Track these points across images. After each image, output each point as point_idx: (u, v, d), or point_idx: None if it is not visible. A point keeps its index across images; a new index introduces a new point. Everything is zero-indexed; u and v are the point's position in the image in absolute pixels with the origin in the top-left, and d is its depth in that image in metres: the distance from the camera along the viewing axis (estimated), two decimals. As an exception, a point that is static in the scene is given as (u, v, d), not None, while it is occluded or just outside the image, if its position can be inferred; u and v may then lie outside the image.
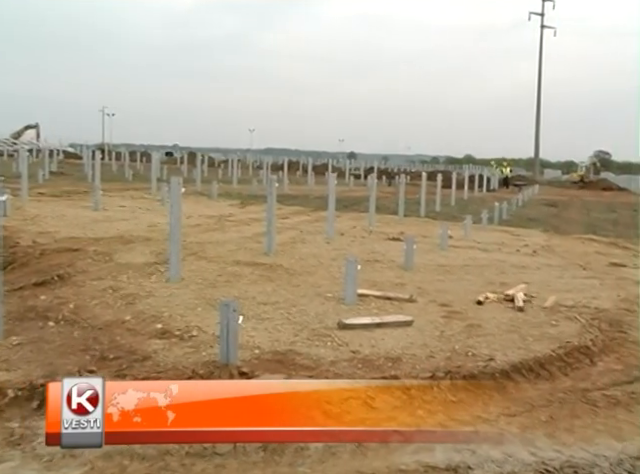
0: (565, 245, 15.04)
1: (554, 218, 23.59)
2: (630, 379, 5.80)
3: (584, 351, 6.39)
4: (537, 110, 76.76)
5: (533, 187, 43.79)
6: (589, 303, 8.33)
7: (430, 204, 22.96)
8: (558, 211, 27.90)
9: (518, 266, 11.25)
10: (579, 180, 62.43)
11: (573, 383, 5.72)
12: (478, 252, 12.81)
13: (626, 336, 7.11)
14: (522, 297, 8.14)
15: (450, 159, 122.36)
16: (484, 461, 3.99)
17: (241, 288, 8.11)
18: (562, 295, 8.67)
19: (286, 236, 13.26)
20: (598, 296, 8.89)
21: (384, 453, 4.00)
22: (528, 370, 5.80)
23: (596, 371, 6.08)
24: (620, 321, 7.60)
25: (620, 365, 6.30)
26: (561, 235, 17.40)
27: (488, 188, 41.82)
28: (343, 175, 46.74)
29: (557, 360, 6.08)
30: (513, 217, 22.11)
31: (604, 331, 7.10)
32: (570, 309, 7.92)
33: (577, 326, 7.19)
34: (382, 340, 6.24)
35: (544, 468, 3.91)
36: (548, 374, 5.85)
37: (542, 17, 76.10)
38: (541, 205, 30.97)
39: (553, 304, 8.07)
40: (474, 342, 6.37)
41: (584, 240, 16.41)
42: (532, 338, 6.63)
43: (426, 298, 8.11)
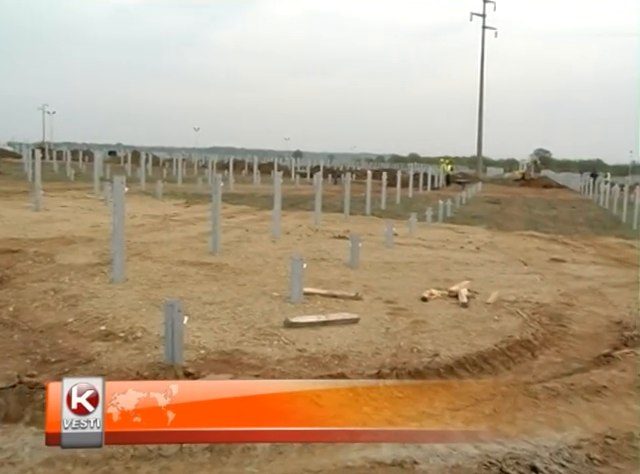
0: (507, 241, 15.33)
1: (497, 215, 24.02)
2: (569, 371, 5.95)
3: (526, 345, 6.54)
4: (479, 109, 78.15)
5: (476, 185, 44.50)
6: (530, 298, 8.52)
7: (376, 202, 23.13)
8: (501, 208, 28.43)
9: (462, 263, 11.42)
10: (521, 178, 63.72)
11: (515, 376, 5.84)
12: (423, 249, 12.96)
13: (566, 330, 7.30)
14: (466, 293, 8.27)
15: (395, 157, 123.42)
16: (429, 455, 4.03)
17: (186, 288, 8.03)
18: (504, 290, 8.85)
19: (232, 235, 13.18)
20: (539, 291, 9.09)
21: (331, 450, 4.01)
22: (472, 365, 5.90)
23: (537, 364, 6.22)
24: (560, 315, 7.80)
25: (560, 358, 6.46)
26: (504, 232, 17.73)
27: (433, 186, 42.31)
28: (289, 174, 46.69)
29: (500, 354, 6.21)
30: (457, 214, 22.44)
31: (545, 325, 7.27)
32: (512, 304, 8.09)
33: (519, 321, 7.35)
34: (328, 338, 6.26)
35: (487, 460, 3.97)
36: (491, 368, 5.96)
37: (483, 18, 77.46)
38: (484, 202, 31.51)
39: (496, 300, 8.22)
40: (419, 338, 6.45)
41: (526, 236, 16.75)
42: (475, 333, 6.75)
43: (372, 295, 8.17)
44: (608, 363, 6.10)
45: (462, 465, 3.98)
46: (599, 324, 7.66)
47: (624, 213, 24.19)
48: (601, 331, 7.43)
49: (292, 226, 15.74)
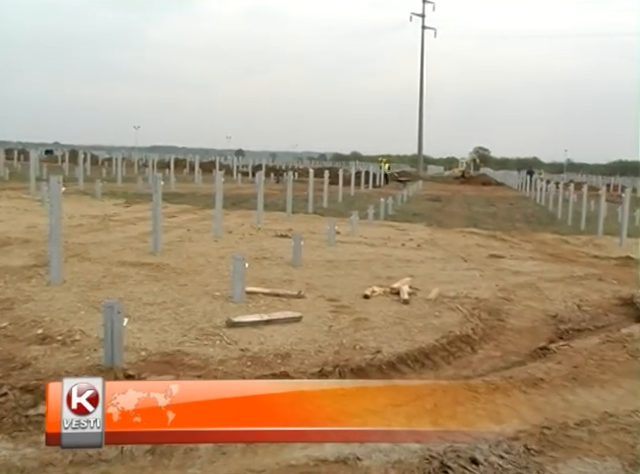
0: (448, 238, 15.56)
1: (437, 212, 24.36)
2: (508, 365, 6.09)
3: (465, 340, 6.66)
4: (420, 108, 79.23)
5: (417, 183, 45.05)
6: (470, 293, 8.67)
7: (318, 201, 23.19)
8: (441, 206, 28.85)
9: (403, 260, 11.55)
10: (460, 175, 64.84)
11: (456, 371, 5.94)
12: (365, 247, 13.05)
13: (504, 324, 7.46)
14: (407, 290, 8.37)
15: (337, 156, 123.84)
16: (372, 451, 4.07)
17: (126, 289, 7.91)
18: (445, 287, 8.98)
19: (173, 235, 13.04)
20: (478, 287, 9.26)
21: (274, 449, 4.01)
22: (413, 360, 5.98)
23: (477, 359, 6.35)
24: (499, 310, 7.97)
25: (499, 352, 6.60)
26: (444, 229, 17.99)
27: (374, 184, 42.65)
28: (231, 173, 46.41)
29: (440, 350, 6.31)
30: (398, 212, 22.67)
31: (484, 320, 7.42)
32: (452, 300, 8.21)
33: (459, 316, 7.47)
34: (271, 337, 6.26)
35: (429, 454, 4.03)
36: (432, 363, 6.05)
37: (423, 18, 78.54)
38: (425, 200, 31.93)
39: (436, 296, 8.34)
40: (361, 335, 6.50)
41: (465, 233, 17.03)
42: (417, 329, 6.83)
43: (314, 294, 8.19)
44: (545, 356, 6.26)
45: (404, 460, 4.02)
46: (536, 318, 7.86)
47: (559, 210, 24.81)
48: (538, 325, 7.62)
49: (234, 225, 15.66)
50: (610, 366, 5.93)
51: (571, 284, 9.96)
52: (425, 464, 3.98)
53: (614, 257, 13.35)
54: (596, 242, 16.28)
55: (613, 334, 7.00)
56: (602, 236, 17.53)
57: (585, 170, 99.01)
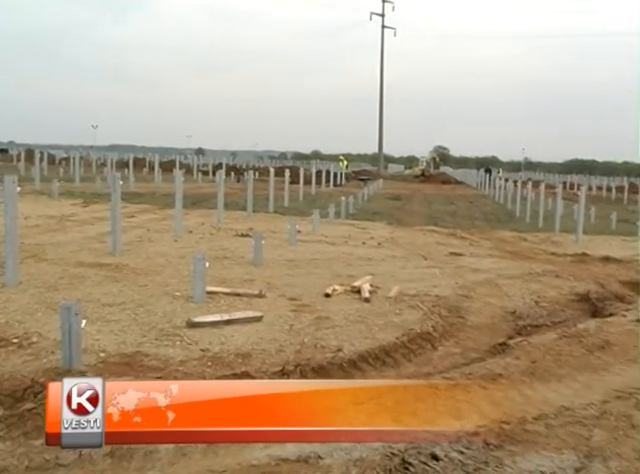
0: (408, 237, 15.66)
1: (398, 211, 24.51)
2: (467, 361, 6.16)
3: (426, 337, 6.71)
4: (380, 107, 79.56)
5: (378, 181, 45.24)
6: (430, 291, 8.74)
7: (279, 200, 23.15)
8: (401, 204, 29.04)
9: (364, 258, 11.59)
10: (420, 174, 65.29)
11: (417, 368, 5.99)
12: (326, 246, 13.07)
13: (464, 321, 7.55)
14: (368, 288, 8.40)
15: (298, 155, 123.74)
16: (333, 449, 4.08)
17: (85, 290, 7.80)
18: (405, 285, 9.04)
19: (132, 235, 12.89)
20: (438, 284, 9.34)
21: (235, 449, 4.00)
22: (374, 358, 6.01)
23: (437, 356, 6.41)
24: (458, 307, 8.05)
25: (459, 348, 6.68)
26: (404, 227, 18.11)
27: (335, 183, 42.72)
28: (191, 172, 46.07)
29: (401, 347, 6.35)
30: (359, 211, 22.76)
31: (444, 317, 7.49)
32: (413, 298, 8.27)
33: (419, 314, 7.53)
34: (232, 337, 6.23)
35: (390, 451, 4.05)
36: (393, 361, 6.10)
37: (382, 18, 78.88)
38: (385, 199, 32.09)
39: (397, 294, 8.39)
40: (323, 334, 6.51)
41: (425, 231, 17.16)
42: (378, 327, 6.87)
43: (275, 293, 8.18)
44: (503, 352, 6.35)
45: (366, 457, 4.04)
46: (495, 314, 7.96)
47: (518, 208, 25.16)
48: (497, 321, 7.73)
49: (194, 225, 15.55)
50: (567, 361, 6.04)
51: (529, 281, 10.11)
52: (386, 461, 4.00)
53: (571, 254, 13.59)
54: (553, 239, 16.55)
55: (569, 329, 7.13)
56: (559, 233, 17.82)
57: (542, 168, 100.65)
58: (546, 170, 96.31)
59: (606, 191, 48.09)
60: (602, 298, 9.09)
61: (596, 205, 25.52)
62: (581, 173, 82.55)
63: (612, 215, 21.13)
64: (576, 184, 50.51)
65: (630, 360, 6.20)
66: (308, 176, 33.91)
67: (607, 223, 20.77)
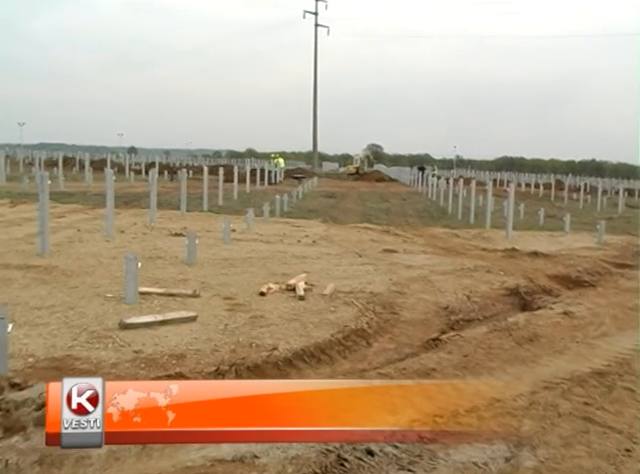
0: (343, 234, 15.75)
1: (332, 209, 24.61)
2: (402, 357, 6.23)
3: (361, 334, 6.77)
4: (314, 105, 79.81)
5: (312, 179, 45.34)
6: (365, 288, 8.82)
7: (213, 198, 22.96)
8: (336, 202, 29.16)
9: (299, 256, 11.61)
10: (355, 172, 65.73)
11: (352, 365, 6.03)
12: (261, 244, 13.03)
13: (398, 317, 7.64)
14: (303, 286, 8.42)
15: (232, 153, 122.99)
16: (269, 448, 4.07)
17: (12, 293, 7.57)
18: (340, 282, 9.10)
19: (62, 236, 12.57)
20: (373, 281, 9.43)
21: (170, 451, 3.95)
22: (310, 356, 6.03)
23: (372, 352, 6.47)
24: (392, 303, 8.15)
25: (393, 344, 6.75)
26: (339, 225, 18.20)
27: (270, 181, 42.64)
28: (123, 171, 45.27)
29: (336, 344, 6.38)
30: (294, 209, 22.76)
31: (378, 314, 7.56)
32: (347, 295, 8.33)
33: (354, 311, 7.58)
34: (166, 337, 6.15)
35: (325, 448, 4.07)
36: (329, 358, 6.12)
37: (316, 16, 79.10)
38: (320, 197, 32.19)
39: (332, 291, 8.44)
40: (258, 333, 6.49)
41: (360, 229, 17.28)
42: (313, 325, 6.89)
43: (210, 292, 8.12)
44: (436, 347, 6.45)
45: (301, 455, 4.05)
46: (428, 310, 8.09)
47: (450, 204, 25.60)
48: (430, 317, 7.85)
49: (127, 224, 15.28)
50: (497, 354, 6.19)
51: (461, 276, 10.31)
52: (322, 458, 4.02)
53: (501, 249, 13.92)
54: (484, 235, 16.91)
55: (500, 323, 7.31)
56: (490, 229, 18.22)
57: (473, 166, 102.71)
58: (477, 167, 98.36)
59: (534, 188, 49.38)
60: (531, 292, 9.34)
61: (525, 202, 26.18)
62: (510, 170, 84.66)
63: (540, 211, 21.71)
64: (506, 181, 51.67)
65: (557, 351, 6.40)
66: (242, 174, 33.75)
67: (535, 219, 21.34)
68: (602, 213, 27.57)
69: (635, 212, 29.38)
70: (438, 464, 4.04)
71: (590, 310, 8.18)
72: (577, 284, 10.37)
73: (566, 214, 19.59)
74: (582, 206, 32.69)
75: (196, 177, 29.43)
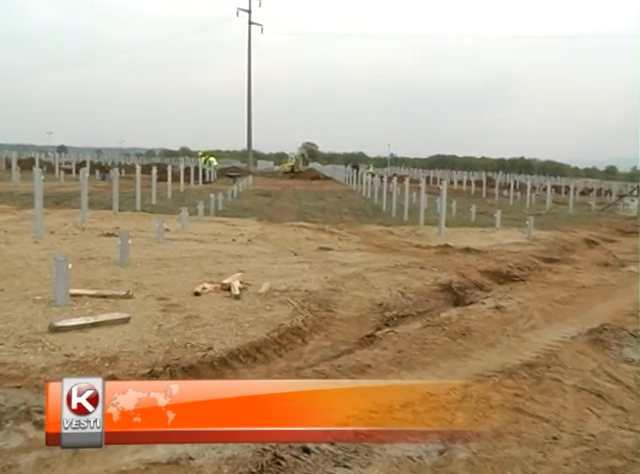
0: (278, 233, 15.73)
1: (268, 207, 24.56)
2: (337, 354, 6.27)
3: (296, 332, 6.78)
4: (248, 104, 79.47)
5: (247, 178, 45.13)
6: (300, 286, 8.83)
7: (146, 198, 22.61)
8: (271, 200, 29.11)
9: (234, 255, 11.54)
10: (290, 170, 65.76)
11: (287, 363, 6.04)
12: (195, 244, 12.90)
13: (333, 314, 7.68)
14: (238, 285, 8.37)
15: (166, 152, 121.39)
16: (205, 449, 4.04)
17: None
18: (276, 280, 9.08)
19: (-12, 237, 12.18)
20: (308, 279, 9.45)
21: (103, 455, 3.88)
22: (245, 355, 6.01)
23: (308, 349, 6.48)
24: (328, 301, 8.18)
25: (329, 342, 6.79)
26: (274, 223, 18.17)
27: (204, 180, 42.26)
28: (53, 170, 44.11)
29: (272, 343, 6.38)
30: (229, 208, 22.60)
31: (314, 311, 7.59)
32: (283, 293, 8.33)
33: (290, 309, 7.59)
34: (98, 340, 6.03)
35: (262, 447, 4.06)
36: (264, 357, 6.11)
37: (249, 14, 78.69)
38: (255, 195, 32.08)
39: (267, 290, 8.42)
40: (192, 333, 6.43)
41: (295, 227, 17.28)
42: (248, 324, 6.87)
43: (144, 293, 7.99)
44: (371, 343, 6.51)
45: (237, 455, 4.03)
46: (363, 307, 8.16)
47: (384, 202, 25.85)
48: (365, 313, 7.92)
49: (57, 225, 14.90)
50: (431, 349, 6.29)
51: (395, 273, 10.42)
52: (258, 457, 4.01)
53: (434, 246, 14.13)
54: (418, 232, 17.14)
55: (433, 318, 7.44)
56: (423, 226, 18.48)
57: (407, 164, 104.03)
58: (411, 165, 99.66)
59: (466, 185, 50.34)
60: (463, 287, 9.54)
61: (457, 199, 26.67)
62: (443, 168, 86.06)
63: (472, 208, 22.15)
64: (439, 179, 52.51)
65: (489, 345, 6.55)
66: (176, 173, 33.32)
67: (467, 215, 21.75)
68: (531, 209, 28.30)
69: (562, 208, 30.31)
70: (373, 459, 4.08)
71: (520, 304, 8.40)
72: (508, 279, 10.62)
73: (497, 210, 20.04)
74: (512, 203, 33.46)
75: (129, 176, 28.96)
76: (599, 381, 5.59)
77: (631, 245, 16.27)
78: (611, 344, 6.62)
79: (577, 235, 17.57)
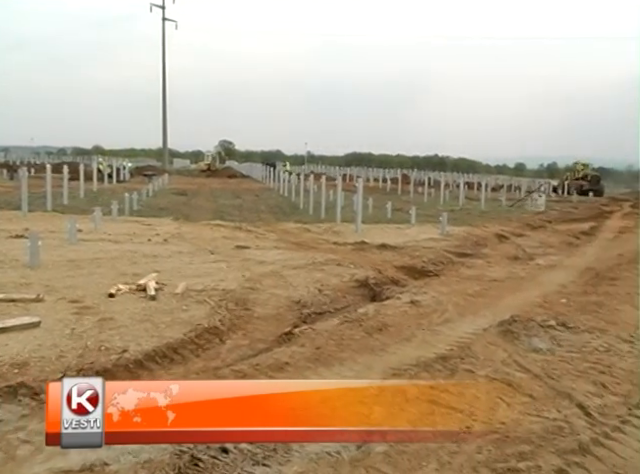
0: (195, 232, 15.54)
1: (184, 206, 24.24)
2: (255, 352, 6.27)
3: (214, 331, 6.73)
4: (163, 101, 78.09)
5: (163, 177, 44.43)
6: (217, 285, 8.76)
7: (58, 197, 21.92)
8: (188, 199, 28.75)
9: (150, 255, 11.34)
10: (207, 169, 65.17)
11: (205, 363, 5.99)
12: (109, 244, 12.61)
13: (251, 313, 7.66)
14: (154, 286, 8.24)
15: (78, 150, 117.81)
16: (120, 454, 3.97)
17: None
18: (192, 280, 8.99)
19: None
20: (225, 278, 9.39)
21: (12, 467, 3.77)
22: (162, 357, 5.93)
23: (225, 349, 6.45)
24: (245, 299, 8.15)
25: (247, 340, 6.77)
26: (191, 222, 17.95)
27: (118, 179, 41.37)
28: (-44, 170, 42.29)
29: (189, 343, 6.32)
30: (144, 207, 22.20)
31: (231, 310, 7.55)
32: (200, 293, 8.25)
33: (207, 308, 7.53)
34: (6, 346, 5.81)
35: (179, 449, 4.02)
36: (181, 358, 6.05)
37: (163, 10, 77.32)
38: (171, 194, 31.60)
39: (184, 290, 8.32)
40: (107, 336, 6.29)
41: (212, 226, 17.12)
42: (165, 325, 6.77)
43: (55, 296, 7.76)
44: (289, 340, 6.54)
45: (154, 458, 3.98)
46: (281, 305, 8.16)
47: (302, 200, 25.92)
48: (283, 311, 7.93)
49: (-39, 227, 14.28)
50: (348, 344, 6.36)
51: (313, 270, 10.48)
52: (175, 460, 3.97)
53: (351, 243, 14.26)
54: (335, 229, 17.26)
55: (350, 314, 7.52)
56: (340, 223, 18.62)
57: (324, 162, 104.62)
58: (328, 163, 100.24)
59: (382, 182, 50.99)
60: (380, 283, 9.68)
61: (373, 196, 26.98)
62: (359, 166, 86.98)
63: (388, 205, 22.47)
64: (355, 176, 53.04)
65: (405, 339, 6.67)
66: (89, 172, 32.49)
67: (383, 212, 22.05)
68: (445, 205, 28.93)
69: (474, 204, 31.15)
70: (292, 457, 4.10)
71: (434, 298, 8.60)
72: (422, 274, 10.84)
73: (412, 207, 20.40)
74: (427, 199, 34.12)
75: (39, 175, 28.01)
76: (509, 370, 5.79)
77: (539, 239, 16.90)
78: (520, 335, 6.86)
79: (489, 230, 18.08)
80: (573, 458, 4.15)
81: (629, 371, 5.94)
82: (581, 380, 5.65)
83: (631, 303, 8.74)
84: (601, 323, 7.57)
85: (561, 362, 6.10)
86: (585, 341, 6.81)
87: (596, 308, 8.35)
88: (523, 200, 34.41)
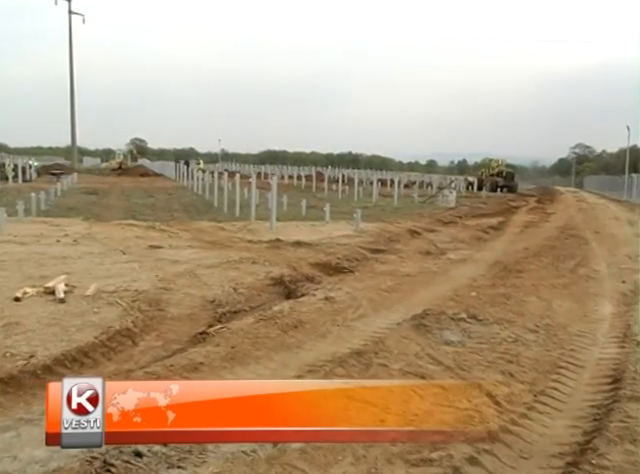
0: (106, 232, 15.16)
1: (95, 206, 23.65)
2: (169, 353, 6.18)
3: (126, 333, 6.60)
4: (71, 97, 75.67)
5: (72, 176, 43.20)
6: (130, 286, 8.58)
7: (-42, 198, 21.01)
8: (98, 199, 28.06)
9: (59, 257, 10.99)
10: (118, 167, 63.83)
11: (117, 366, 5.87)
12: (15, 246, 12.15)
13: (165, 313, 7.55)
14: (63, 288, 8.00)
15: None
16: (27, 464, 3.85)
17: None
18: (104, 281, 8.77)
19: None
20: (138, 279, 9.21)
21: None
22: (72, 361, 5.78)
23: (138, 351, 6.33)
24: (159, 300, 8.02)
25: (160, 341, 6.67)
26: (102, 222, 17.51)
27: (24, 178, 39.96)
28: None
29: (100, 346, 6.17)
30: (52, 207, 21.52)
31: (144, 311, 7.41)
32: (111, 294, 8.06)
33: (119, 310, 7.36)
34: None
35: (90, 455, 3.92)
36: (92, 362, 5.91)
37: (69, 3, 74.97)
38: (81, 193, 30.77)
39: (95, 292, 8.11)
40: (13, 341, 6.07)
41: (124, 226, 16.76)
42: (75, 328, 6.59)
43: (-44, 301, 7.43)
44: (204, 340, 6.48)
45: (64, 466, 3.87)
46: (195, 304, 8.07)
47: (216, 198, 25.70)
48: (197, 311, 7.85)
49: None
50: (264, 343, 6.36)
51: (227, 269, 10.40)
52: (86, 466, 3.87)
53: (266, 240, 14.24)
54: (250, 227, 17.19)
55: (266, 312, 7.52)
56: (255, 221, 18.56)
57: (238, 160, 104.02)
58: (242, 161, 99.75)
59: (297, 180, 51.16)
60: (294, 280, 9.70)
61: (288, 193, 27.03)
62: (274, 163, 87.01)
63: (302, 202, 22.55)
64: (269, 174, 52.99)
65: (320, 336, 6.72)
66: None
67: (298, 210, 22.13)
68: (359, 202, 29.28)
69: (387, 201, 31.66)
70: (208, 457, 4.07)
71: (349, 294, 8.69)
72: (337, 270, 10.94)
73: (326, 204, 20.53)
74: (341, 196, 34.44)
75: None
76: (422, 363, 5.92)
77: (450, 234, 17.32)
78: (433, 328, 7.02)
79: (401, 226, 18.40)
80: (483, 446, 4.27)
81: (534, 360, 6.18)
82: (490, 370, 5.84)
83: (536, 294, 9.09)
84: (509, 314, 7.84)
85: (471, 353, 6.29)
86: (494, 332, 7.04)
87: (504, 300, 8.63)
88: (434, 196, 35.19)
